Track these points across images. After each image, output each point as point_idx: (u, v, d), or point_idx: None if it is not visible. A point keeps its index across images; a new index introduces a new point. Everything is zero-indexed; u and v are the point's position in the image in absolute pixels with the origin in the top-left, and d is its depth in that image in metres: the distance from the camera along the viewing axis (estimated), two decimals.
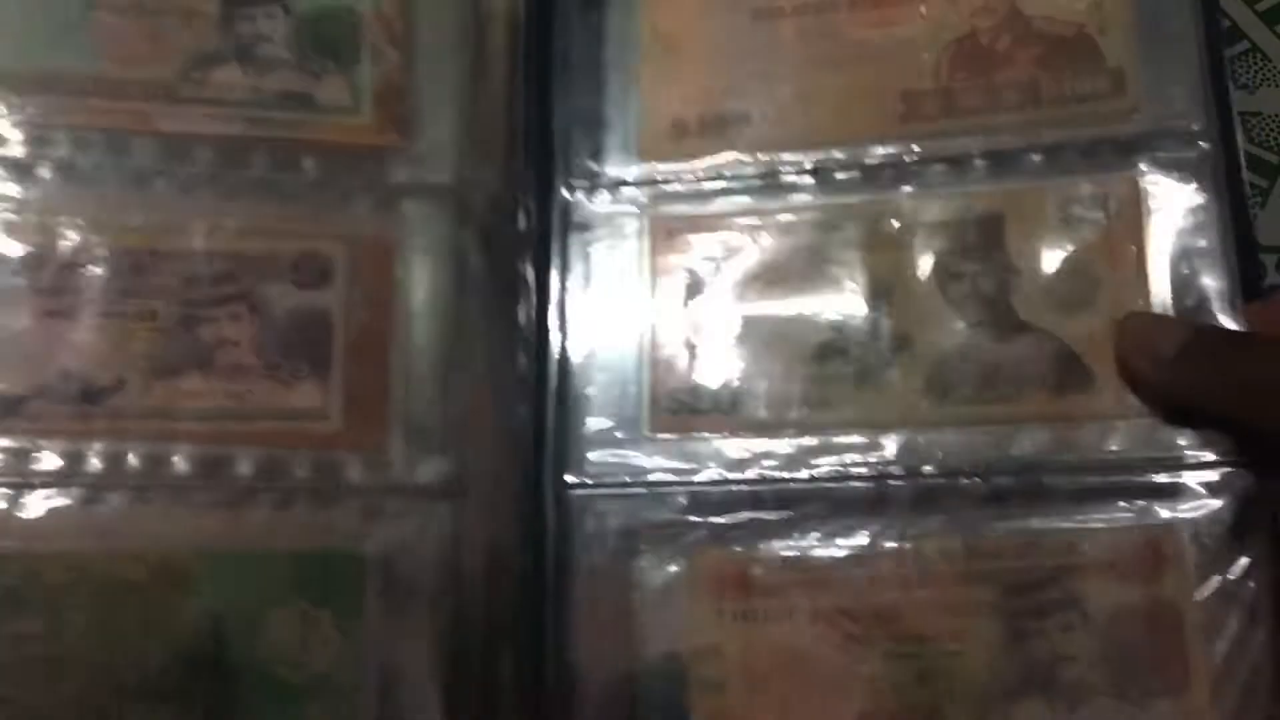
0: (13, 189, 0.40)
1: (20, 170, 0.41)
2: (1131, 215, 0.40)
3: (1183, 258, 0.40)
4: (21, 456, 0.38)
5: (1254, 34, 0.49)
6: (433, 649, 0.39)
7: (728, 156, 0.44)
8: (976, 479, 0.39)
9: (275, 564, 0.39)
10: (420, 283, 0.42)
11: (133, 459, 0.39)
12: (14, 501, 0.38)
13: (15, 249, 0.40)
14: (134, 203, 0.41)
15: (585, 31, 0.46)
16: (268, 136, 0.42)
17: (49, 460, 0.39)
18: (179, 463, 0.39)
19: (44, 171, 0.41)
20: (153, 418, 0.39)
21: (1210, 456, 0.38)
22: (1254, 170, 0.47)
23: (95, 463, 0.39)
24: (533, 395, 0.42)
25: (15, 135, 0.41)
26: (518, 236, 0.43)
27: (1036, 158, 0.41)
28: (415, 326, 0.42)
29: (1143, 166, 0.41)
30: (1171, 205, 0.40)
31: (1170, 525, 0.38)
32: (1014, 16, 0.43)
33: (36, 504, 0.38)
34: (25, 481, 0.38)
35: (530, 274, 0.43)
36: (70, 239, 0.40)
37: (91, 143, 0.41)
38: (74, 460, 0.39)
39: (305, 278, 0.41)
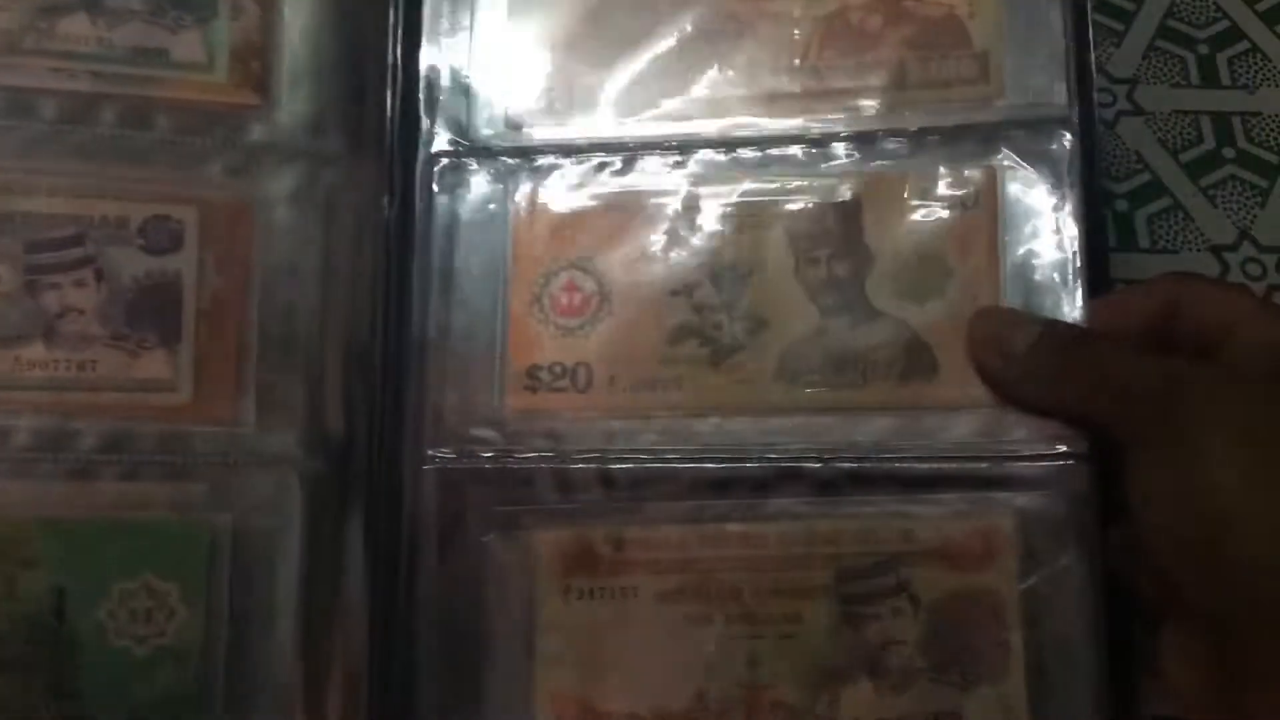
0: None
1: None
2: (988, 205, 0.41)
3: (1035, 251, 0.40)
4: None
5: (1254, 34, 0.50)
6: (284, 621, 0.39)
7: (594, 126, 0.43)
8: (819, 465, 0.40)
9: (120, 536, 0.39)
10: (276, 248, 0.41)
11: None
12: None
13: None
14: None
15: None
16: (117, 93, 0.41)
17: None
18: (21, 434, 0.39)
19: None
20: None
21: (1044, 450, 0.39)
22: (1254, 170, 0.48)
23: None
24: (390, 367, 0.42)
25: None
26: (379, 202, 0.42)
27: (898, 142, 0.41)
28: (270, 294, 0.41)
29: (1002, 156, 0.41)
30: (1028, 197, 0.40)
31: (1001, 516, 0.39)
32: None
33: None
34: None
35: (390, 241, 0.42)
36: None
37: None
38: None
39: (154, 242, 0.40)
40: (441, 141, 0.43)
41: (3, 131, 0.40)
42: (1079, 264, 0.40)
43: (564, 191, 0.42)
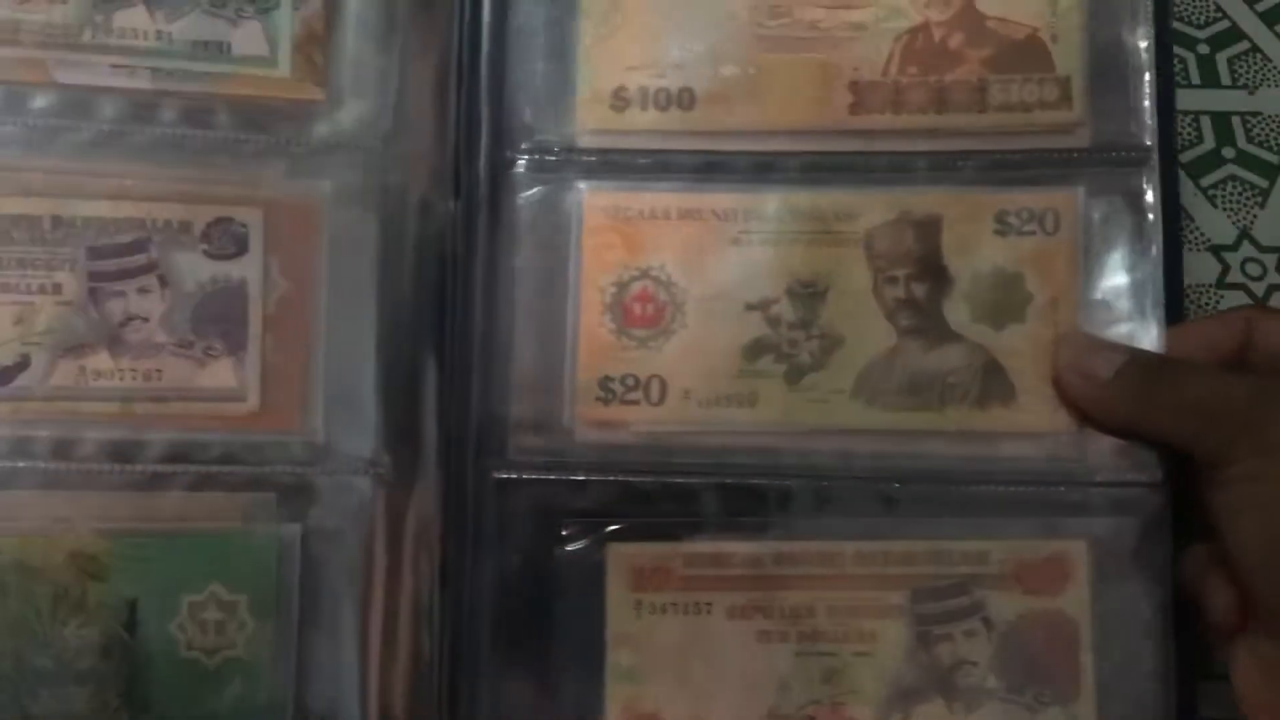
0: None
1: None
2: (1068, 231, 0.40)
3: (1114, 278, 0.40)
4: None
5: (1254, 34, 0.48)
6: (352, 631, 0.39)
7: (669, 134, 0.42)
8: (895, 484, 0.40)
9: (189, 548, 0.39)
10: (342, 251, 0.40)
11: (40, 441, 0.38)
12: None
13: None
14: (33, 164, 0.38)
15: None
16: (178, 90, 0.40)
17: None
18: (88, 445, 0.38)
19: None
20: (59, 399, 0.38)
21: (1120, 476, 0.39)
22: (1254, 170, 0.47)
23: (1, 445, 0.37)
24: (458, 375, 0.41)
25: None
26: (446, 203, 0.41)
27: (979, 164, 0.41)
28: (337, 299, 0.40)
29: (1082, 184, 0.40)
30: (1108, 225, 0.40)
31: (1075, 541, 0.39)
32: (968, 12, 0.41)
33: None
34: None
35: (455, 244, 0.41)
36: None
37: None
38: None
39: (219, 247, 0.39)
40: (509, 142, 0.42)
41: (62, 132, 0.39)
42: (1158, 293, 0.40)
43: (638, 199, 0.41)
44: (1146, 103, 0.40)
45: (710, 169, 0.41)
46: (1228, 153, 0.47)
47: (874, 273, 0.40)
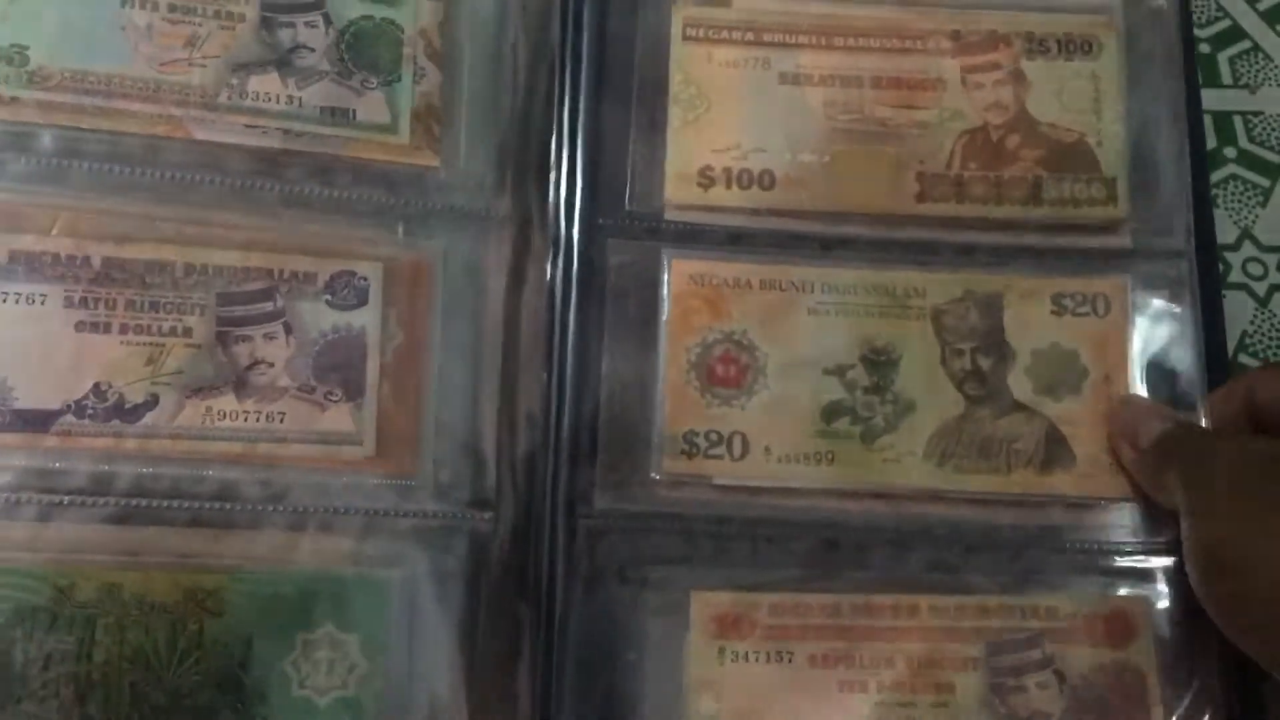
0: (44, 193, 0.39)
1: (52, 173, 0.39)
2: (1118, 314, 0.44)
3: (1160, 356, 0.44)
4: (52, 472, 0.38)
5: (1255, 33, 0.50)
6: (456, 673, 0.40)
7: (750, 211, 0.45)
8: (969, 540, 0.42)
9: (304, 587, 0.39)
10: (454, 306, 0.42)
11: (164, 479, 0.39)
12: (44, 517, 0.38)
13: (46, 257, 0.39)
14: (167, 213, 0.40)
15: (618, 69, 0.46)
16: (305, 150, 0.42)
17: (79, 477, 0.38)
18: (210, 484, 0.39)
19: (76, 176, 0.40)
20: (185, 438, 0.39)
21: (1166, 541, 0.42)
22: (1254, 169, 0.49)
23: (126, 481, 0.38)
24: (549, 427, 0.43)
25: (47, 137, 0.39)
26: (545, 266, 0.44)
27: (1035, 252, 0.44)
28: (448, 351, 0.42)
29: (1129, 275, 0.44)
30: (1153, 310, 0.44)
31: (1137, 599, 0.42)
32: (1023, 117, 0.45)
33: (67, 521, 0.38)
34: (55, 498, 0.38)
35: (554, 303, 0.43)
36: (102, 249, 0.39)
37: (124, 148, 0.40)
38: (105, 478, 0.38)
39: (341, 298, 0.41)
40: (604, 212, 0.44)
41: (195, 185, 0.41)
42: (1200, 371, 0.43)
43: (721, 267, 0.44)
44: (1184, 204, 0.44)
45: (788, 243, 0.44)
46: (1229, 152, 0.49)
47: (942, 345, 0.43)
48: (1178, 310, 0.44)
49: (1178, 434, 0.41)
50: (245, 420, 0.40)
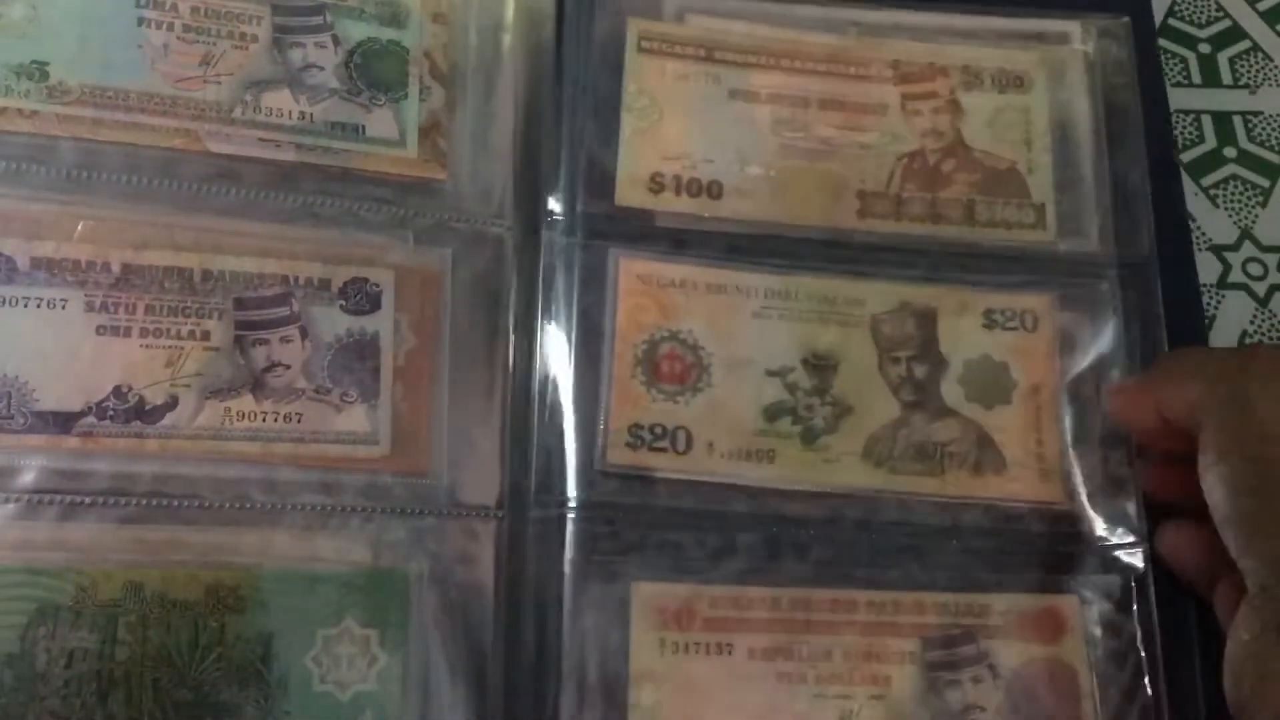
0: (65, 202, 0.40)
1: (72, 183, 0.40)
2: (1045, 329, 0.46)
3: (1086, 371, 0.46)
4: (73, 473, 0.38)
5: (1255, 33, 0.51)
6: (468, 666, 0.40)
7: (698, 217, 0.46)
8: (905, 539, 0.43)
9: (323, 583, 0.40)
10: (461, 313, 0.44)
11: (183, 478, 0.39)
12: (66, 517, 0.38)
13: (67, 264, 0.40)
14: (184, 222, 0.41)
15: (579, 82, 0.47)
16: (317, 163, 0.43)
17: (101, 477, 0.39)
18: (229, 483, 0.40)
19: (95, 186, 0.41)
20: (204, 438, 0.40)
21: (1109, 539, 0.44)
22: (1254, 170, 0.49)
23: (147, 480, 0.39)
24: (524, 423, 0.43)
25: (67, 149, 0.41)
26: (529, 271, 0.45)
27: (968, 269, 0.47)
28: (457, 354, 0.43)
29: (1056, 292, 0.46)
30: (1079, 326, 0.46)
31: (1070, 595, 0.43)
32: (958, 144, 0.48)
33: (88, 520, 0.38)
34: (77, 498, 0.38)
35: (538, 307, 0.44)
36: (121, 255, 0.40)
37: (142, 160, 0.41)
38: (126, 478, 0.39)
39: (354, 303, 0.42)
40: (560, 212, 0.45)
41: (213, 196, 0.42)
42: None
43: (668, 269, 0.45)
44: (1105, 226, 0.47)
45: (733, 251, 0.46)
46: (1229, 152, 0.50)
47: (880, 353, 0.45)
48: (1105, 325, 0.46)
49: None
50: (263, 421, 0.40)
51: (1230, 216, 0.50)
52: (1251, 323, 0.49)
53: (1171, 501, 0.42)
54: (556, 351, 0.44)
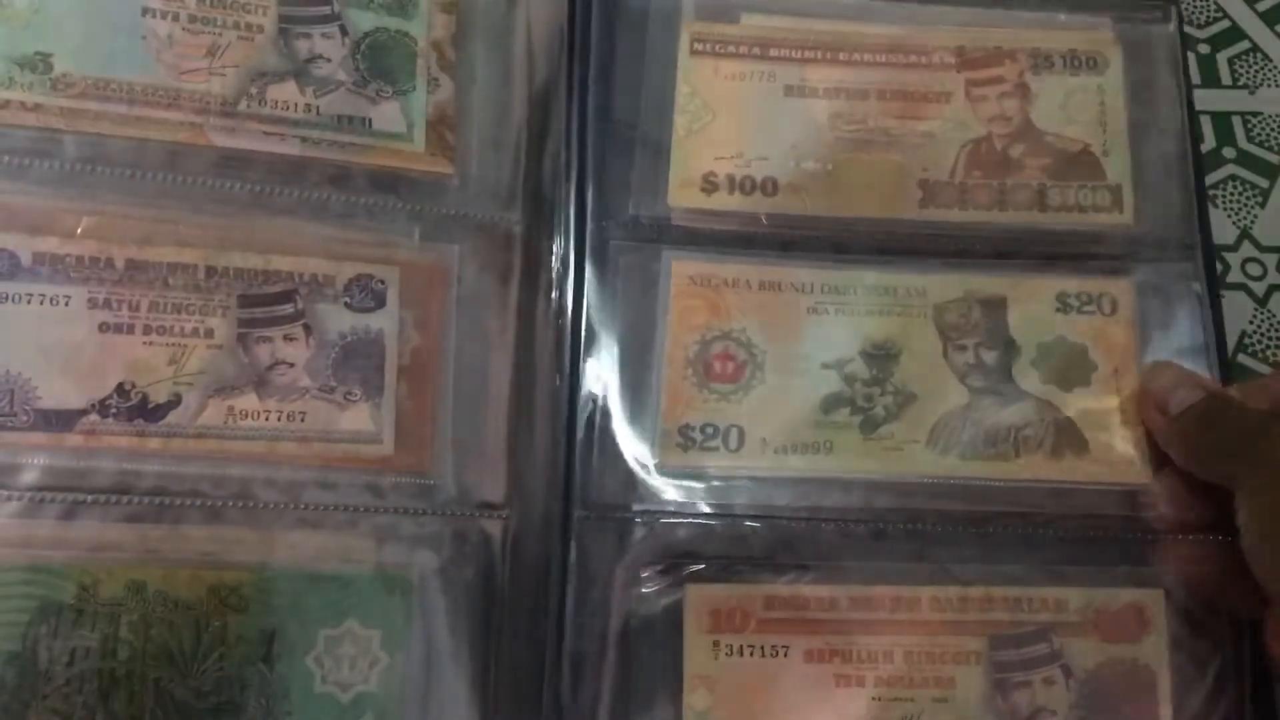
0: (68, 197, 0.40)
1: (75, 178, 0.40)
2: (1124, 314, 0.45)
3: (1167, 352, 0.44)
4: (76, 471, 0.38)
5: (1254, 34, 0.51)
6: (474, 668, 0.40)
7: (752, 215, 0.46)
8: (972, 531, 0.42)
9: (325, 583, 0.40)
10: (469, 308, 0.43)
11: (186, 477, 0.39)
12: (68, 515, 0.38)
13: (70, 259, 0.39)
14: (188, 218, 0.41)
15: (625, 80, 0.47)
16: (323, 158, 0.43)
17: (103, 475, 0.38)
18: (232, 483, 0.40)
19: (99, 180, 0.40)
20: (208, 437, 0.40)
21: (1193, 524, 0.42)
22: (1253, 170, 0.49)
23: (150, 479, 0.39)
24: (558, 423, 0.43)
25: (70, 143, 0.40)
26: (555, 269, 0.45)
27: (1040, 256, 0.46)
28: (463, 352, 0.43)
29: (1136, 277, 0.45)
30: (1159, 310, 0.45)
31: (1155, 589, 0.41)
32: (1027, 128, 0.47)
33: (91, 519, 0.38)
34: (79, 496, 0.38)
35: (567, 305, 0.44)
36: (125, 251, 0.40)
37: (146, 154, 0.41)
38: (128, 476, 0.39)
39: (359, 300, 0.42)
40: (610, 216, 0.45)
41: (217, 191, 0.41)
42: (1214, 371, 0.44)
43: (721, 269, 0.45)
44: (1186, 206, 0.46)
45: (788, 247, 0.45)
46: (1228, 152, 0.50)
47: (944, 341, 0.44)
48: (1183, 308, 0.45)
49: (1218, 405, 0.41)
50: (267, 419, 0.40)
51: (1229, 217, 0.50)
52: (1251, 322, 0.48)
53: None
54: (606, 355, 0.43)
